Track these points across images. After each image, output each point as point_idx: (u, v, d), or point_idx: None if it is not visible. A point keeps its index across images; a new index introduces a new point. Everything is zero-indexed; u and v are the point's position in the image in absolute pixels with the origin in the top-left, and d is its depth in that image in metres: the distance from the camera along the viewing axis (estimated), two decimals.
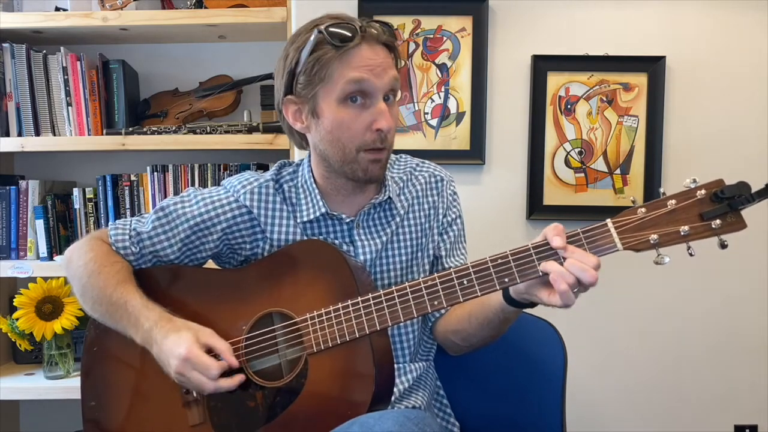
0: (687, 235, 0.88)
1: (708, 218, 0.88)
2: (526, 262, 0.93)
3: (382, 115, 1.03)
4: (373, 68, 1.02)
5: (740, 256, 1.80)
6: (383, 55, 1.04)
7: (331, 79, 1.02)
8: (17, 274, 1.80)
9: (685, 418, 1.84)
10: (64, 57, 1.83)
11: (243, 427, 1.02)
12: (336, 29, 1.02)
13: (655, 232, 0.88)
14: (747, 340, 1.82)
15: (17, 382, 1.81)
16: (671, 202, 0.88)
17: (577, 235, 0.92)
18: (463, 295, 0.96)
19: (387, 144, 1.06)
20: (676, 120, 1.79)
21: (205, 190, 1.18)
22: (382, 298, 0.99)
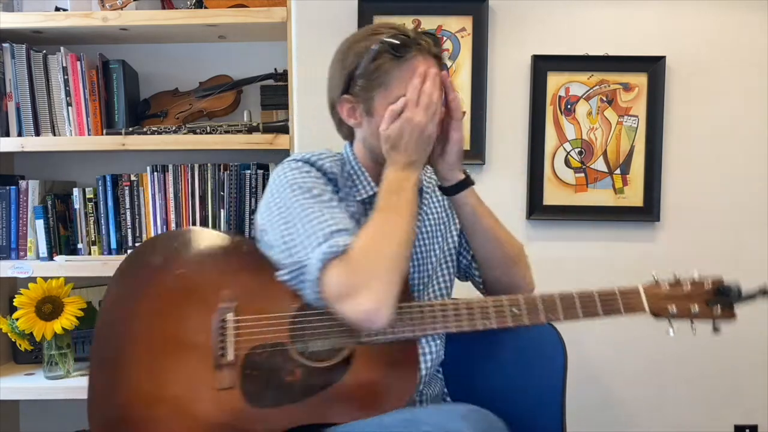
0: (696, 314, 1.10)
1: (712, 305, 1.12)
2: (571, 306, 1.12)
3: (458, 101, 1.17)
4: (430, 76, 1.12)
5: (740, 256, 1.81)
6: (434, 65, 1.14)
7: (389, 85, 1.12)
8: (17, 274, 1.81)
9: (685, 418, 1.84)
10: (64, 57, 1.83)
11: (276, 398, 1.05)
12: (395, 40, 1.12)
13: (674, 305, 1.11)
14: (747, 340, 1.82)
15: (17, 382, 1.81)
16: (687, 287, 1.13)
17: (615, 293, 1.13)
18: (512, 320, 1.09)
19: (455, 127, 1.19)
20: (676, 120, 1.79)
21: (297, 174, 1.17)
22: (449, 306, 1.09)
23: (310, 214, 1.07)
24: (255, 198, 1.87)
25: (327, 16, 1.78)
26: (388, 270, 1.02)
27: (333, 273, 1.02)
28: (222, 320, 1.08)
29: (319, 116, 1.78)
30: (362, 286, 1.00)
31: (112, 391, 1.07)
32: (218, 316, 1.08)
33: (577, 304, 1.09)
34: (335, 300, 1.02)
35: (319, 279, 1.02)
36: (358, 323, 1.03)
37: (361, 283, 1.01)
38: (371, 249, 1.03)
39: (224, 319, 1.08)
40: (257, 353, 1.07)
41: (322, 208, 1.08)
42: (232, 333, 1.07)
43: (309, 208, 1.08)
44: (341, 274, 1.01)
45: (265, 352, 1.07)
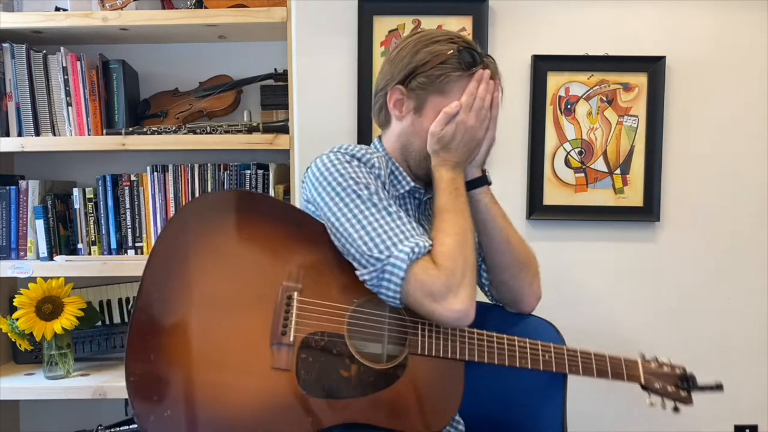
0: (670, 392, 1.26)
1: (679, 387, 1.28)
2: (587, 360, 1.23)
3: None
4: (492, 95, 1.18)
5: (740, 256, 1.81)
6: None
7: (447, 94, 1.16)
8: (17, 274, 1.80)
9: (685, 418, 1.83)
10: (64, 57, 1.83)
11: (329, 390, 1.04)
12: (469, 54, 1.16)
13: (659, 381, 1.26)
14: (747, 340, 1.82)
15: (17, 382, 1.81)
16: (666, 368, 1.28)
17: (620, 359, 1.24)
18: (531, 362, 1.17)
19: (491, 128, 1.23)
20: (676, 120, 1.79)
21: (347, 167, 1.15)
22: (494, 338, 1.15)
23: (379, 211, 1.09)
24: None
25: (327, 16, 1.78)
26: (472, 271, 1.08)
27: (424, 272, 1.05)
28: (288, 298, 1.06)
29: (319, 116, 1.79)
30: (457, 286, 1.05)
31: (159, 339, 1.00)
32: (284, 292, 1.06)
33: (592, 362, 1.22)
34: (426, 298, 1.05)
35: (407, 278, 1.04)
36: (450, 322, 1.07)
37: (455, 284, 1.05)
38: (456, 250, 1.07)
39: (290, 297, 1.06)
40: (315, 339, 1.05)
41: (387, 206, 1.10)
42: (296, 313, 1.05)
43: (374, 206, 1.09)
44: (434, 274, 1.05)
45: (324, 341, 1.06)
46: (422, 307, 1.06)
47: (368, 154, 1.17)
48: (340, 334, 1.07)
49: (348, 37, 1.77)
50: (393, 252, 1.05)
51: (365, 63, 1.77)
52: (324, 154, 1.16)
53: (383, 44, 1.78)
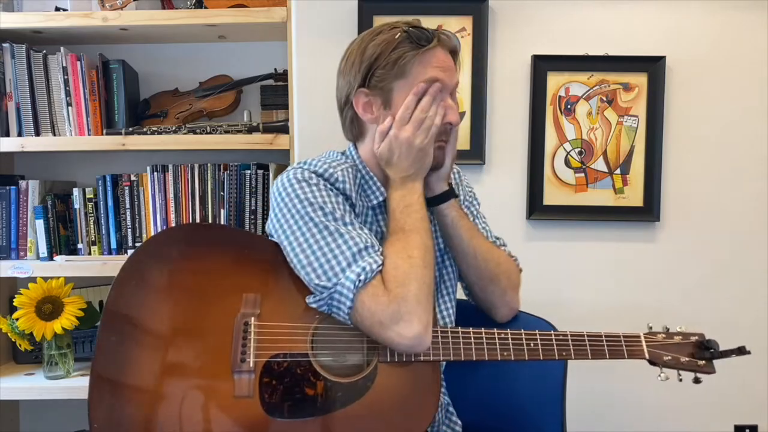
0: (683, 363, 1.18)
1: (697, 358, 1.19)
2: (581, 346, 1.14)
3: (451, 110, 1.16)
4: (446, 69, 1.14)
5: (740, 256, 1.81)
6: (451, 62, 1.16)
7: (409, 75, 1.12)
8: (17, 274, 1.80)
9: (685, 418, 1.84)
10: (64, 57, 1.83)
11: (296, 411, 1.02)
12: (417, 31, 1.14)
13: (668, 354, 1.17)
14: (747, 339, 1.81)
15: (17, 382, 1.81)
16: (677, 338, 1.19)
17: (620, 336, 1.16)
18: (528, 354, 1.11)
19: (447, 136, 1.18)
20: (676, 120, 1.79)
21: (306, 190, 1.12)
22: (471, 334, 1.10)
23: (331, 234, 1.05)
24: (255, 198, 1.87)
25: (327, 16, 1.78)
26: (428, 295, 1.04)
27: (372, 300, 1.02)
28: (245, 323, 1.05)
29: (319, 116, 1.79)
30: (408, 313, 1.01)
31: (119, 382, 1.00)
32: (241, 319, 1.05)
33: (586, 345, 1.14)
34: (375, 326, 1.02)
35: (355, 306, 1.02)
36: (402, 349, 1.03)
37: (406, 311, 1.01)
38: (409, 273, 1.03)
39: (247, 322, 1.05)
40: (277, 362, 1.04)
41: (340, 227, 1.06)
42: (254, 338, 1.04)
43: (326, 229, 1.06)
44: (383, 301, 1.01)
45: (286, 362, 1.04)
46: (372, 334, 1.03)
47: (332, 168, 1.13)
48: (303, 353, 1.05)
49: (348, 37, 1.75)
50: (340, 279, 1.02)
51: None
52: (285, 173, 1.14)
53: None
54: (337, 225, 1.07)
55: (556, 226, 1.81)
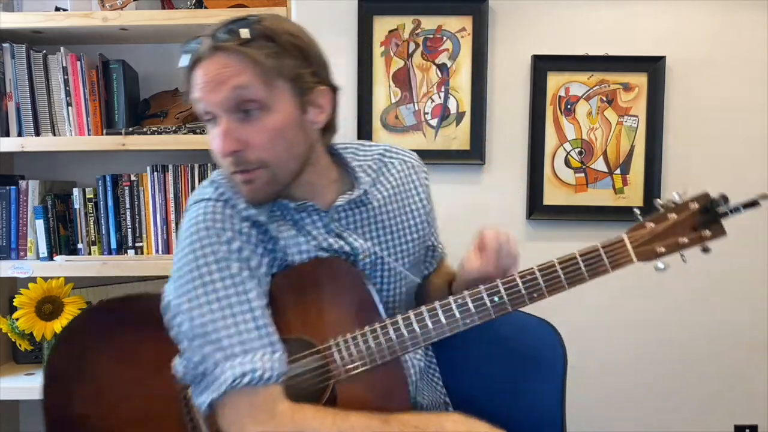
0: (684, 245, 1.01)
1: (700, 229, 1.02)
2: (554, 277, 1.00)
3: (216, 136, 0.92)
4: (204, 84, 0.91)
5: (740, 256, 1.80)
6: (217, 67, 0.90)
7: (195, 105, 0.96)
8: (17, 274, 1.80)
9: (685, 418, 1.84)
10: (64, 57, 1.83)
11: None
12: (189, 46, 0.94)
13: (661, 244, 1.01)
14: (747, 340, 1.82)
15: (17, 382, 1.81)
16: (672, 215, 1.01)
17: (597, 250, 1.01)
18: (494, 312, 0.99)
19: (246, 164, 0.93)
20: (676, 120, 1.79)
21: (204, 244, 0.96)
22: (412, 318, 0.98)
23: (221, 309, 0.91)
24: None
25: (327, 16, 1.78)
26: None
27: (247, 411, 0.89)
28: (184, 397, 0.98)
29: None
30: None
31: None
32: (181, 398, 0.99)
33: (560, 275, 0.99)
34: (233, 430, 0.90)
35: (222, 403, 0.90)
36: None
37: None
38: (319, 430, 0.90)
39: (185, 396, 0.98)
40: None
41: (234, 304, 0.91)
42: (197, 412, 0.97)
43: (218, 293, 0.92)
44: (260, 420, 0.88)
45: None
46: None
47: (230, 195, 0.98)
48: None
49: (348, 37, 1.78)
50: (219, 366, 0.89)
51: (365, 63, 1.77)
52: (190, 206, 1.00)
53: (383, 44, 1.78)
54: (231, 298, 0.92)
55: (556, 226, 1.81)
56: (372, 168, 1.11)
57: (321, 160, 1.03)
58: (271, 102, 0.92)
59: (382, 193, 1.10)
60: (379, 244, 1.08)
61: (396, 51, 1.78)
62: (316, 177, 1.02)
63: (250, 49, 0.90)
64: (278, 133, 0.93)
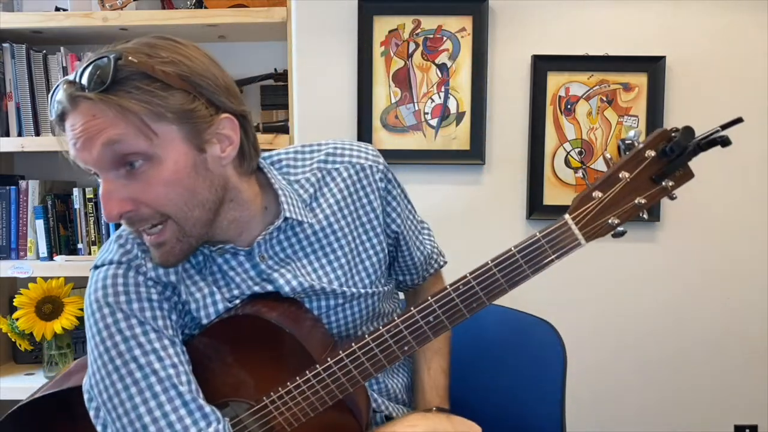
0: (643, 205, 0.85)
1: (659, 180, 0.85)
2: (493, 281, 0.88)
3: (102, 201, 0.80)
4: (75, 142, 0.78)
5: (740, 255, 1.81)
6: (83, 120, 0.76)
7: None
8: (17, 274, 1.81)
9: (685, 418, 1.84)
10: (64, 57, 1.83)
11: None
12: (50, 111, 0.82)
13: (614, 214, 0.84)
14: (747, 340, 1.82)
15: (17, 382, 1.81)
16: (623, 174, 0.84)
17: (538, 240, 0.87)
18: (433, 333, 0.89)
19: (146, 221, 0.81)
20: (676, 120, 1.79)
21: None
22: (346, 360, 0.89)
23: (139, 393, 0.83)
24: None
25: (327, 16, 1.78)
26: None
27: None
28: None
29: (319, 116, 1.79)
30: None
31: None
32: None
33: (497, 278, 0.87)
34: None
35: None
36: None
37: None
38: None
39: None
40: None
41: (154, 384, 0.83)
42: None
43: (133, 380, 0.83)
44: None
45: None
46: None
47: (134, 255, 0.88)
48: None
49: (348, 37, 1.78)
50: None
51: (365, 63, 1.77)
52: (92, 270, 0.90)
53: (383, 44, 1.78)
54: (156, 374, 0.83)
55: None
56: (310, 181, 0.98)
57: (243, 192, 0.89)
58: (156, 151, 0.78)
59: (324, 211, 0.97)
60: (323, 270, 0.96)
61: (396, 51, 1.78)
62: (240, 212, 0.89)
63: (116, 95, 0.75)
64: (172, 185, 0.79)
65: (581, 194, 0.86)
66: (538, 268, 0.88)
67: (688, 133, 0.87)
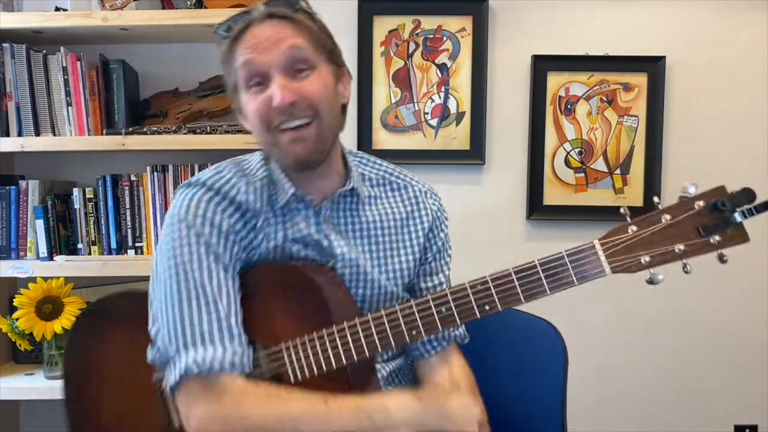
0: (683, 253, 0.83)
1: (706, 233, 0.81)
2: (510, 288, 0.89)
3: (275, 90, 0.95)
4: (258, 45, 0.96)
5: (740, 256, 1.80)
6: (272, 30, 0.97)
7: (233, 71, 1.00)
8: (17, 274, 1.80)
9: (685, 418, 1.84)
10: (64, 57, 1.83)
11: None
12: (228, 22, 1.00)
13: (648, 252, 0.84)
14: (747, 340, 1.82)
15: (17, 382, 1.81)
16: (666, 217, 0.84)
17: (562, 258, 0.88)
18: (441, 324, 0.92)
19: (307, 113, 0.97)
20: (676, 120, 1.79)
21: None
22: (358, 327, 0.94)
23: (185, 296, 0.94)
24: None
25: (327, 16, 1.75)
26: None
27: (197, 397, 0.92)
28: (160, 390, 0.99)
29: None
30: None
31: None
32: (157, 386, 1.01)
33: (515, 285, 0.89)
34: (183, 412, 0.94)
35: (176, 388, 0.93)
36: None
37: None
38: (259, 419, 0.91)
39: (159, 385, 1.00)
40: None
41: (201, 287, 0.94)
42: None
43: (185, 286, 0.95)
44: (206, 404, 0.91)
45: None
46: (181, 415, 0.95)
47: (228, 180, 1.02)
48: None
49: (348, 37, 1.78)
50: (177, 352, 0.92)
51: (365, 63, 1.77)
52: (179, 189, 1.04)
53: (383, 44, 1.78)
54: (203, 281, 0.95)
55: (556, 226, 1.81)
56: (375, 179, 1.13)
57: (337, 147, 1.07)
58: (318, 65, 1.00)
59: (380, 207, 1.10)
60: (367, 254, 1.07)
61: (396, 51, 1.78)
62: (326, 168, 1.05)
63: (301, 17, 1.00)
64: (326, 89, 1.00)
65: (616, 226, 0.86)
66: (557, 286, 0.88)
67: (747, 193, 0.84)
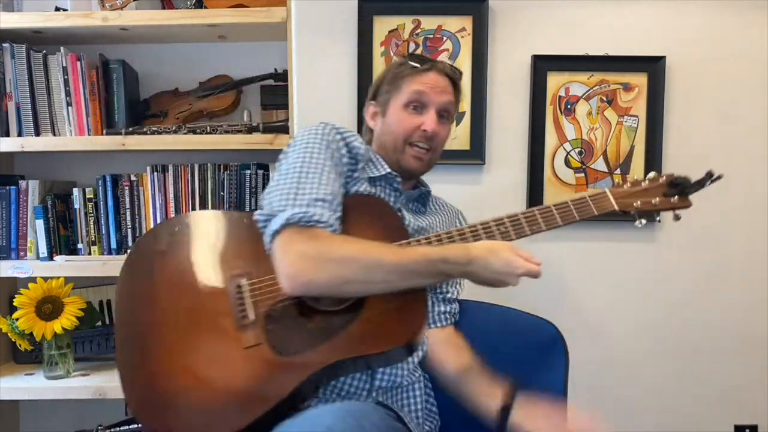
0: (656, 205, 1.23)
1: (669, 196, 1.24)
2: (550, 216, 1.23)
3: (430, 120, 1.30)
4: (434, 87, 1.31)
5: (740, 256, 1.81)
6: (445, 84, 1.32)
7: (401, 90, 1.32)
8: (17, 274, 1.81)
9: (685, 418, 1.84)
10: (64, 57, 1.83)
11: (302, 345, 1.08)
12: (417, 57, 1.35)
13: (638, 200, 1.24)
14: (747, 340, 1.82)
15: (17, 382, 1.81)
16: (644, 183, 1.26)
17: (584, 199, 1.23)
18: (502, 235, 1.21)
19: (432, 145, 1.32)
20: (676, 120, 1.79)
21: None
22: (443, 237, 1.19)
23: (304, 172, 1.17)
24: (255, 198, 1.87)
25: (327, 16, 1.78)
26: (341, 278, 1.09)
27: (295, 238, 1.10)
28: (238, 286, 1.13)
29: (319, 116, 1.78)
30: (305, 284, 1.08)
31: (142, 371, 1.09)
32: (233, 283, 1.14)
33: (555, 214, 1.22)
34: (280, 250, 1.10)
35: (277, 233, 1.10)
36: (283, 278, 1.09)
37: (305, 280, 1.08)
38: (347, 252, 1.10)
39: (239, 285, 1.13)
40: (275, 309, 1.11)
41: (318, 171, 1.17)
42: (249, 296, 1.12)
43: (305, 167, 1.18)
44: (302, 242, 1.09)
45: (283, 307, 1.12)
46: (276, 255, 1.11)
47: (353, 137, 1.28)
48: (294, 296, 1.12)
49: (348, 37, 1.78)
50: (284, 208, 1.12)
51: (365, 63, 1.77)
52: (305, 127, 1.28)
53: (383, 44, 1.78)
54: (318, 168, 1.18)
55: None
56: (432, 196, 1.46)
57: None
58: (451, 120, 1.37)
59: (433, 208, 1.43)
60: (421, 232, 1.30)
61: (396, 51, 1.78)
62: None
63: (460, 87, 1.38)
64: (447, 136, 1.37)
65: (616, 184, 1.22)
66: (584, 214, 1.23)
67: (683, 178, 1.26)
